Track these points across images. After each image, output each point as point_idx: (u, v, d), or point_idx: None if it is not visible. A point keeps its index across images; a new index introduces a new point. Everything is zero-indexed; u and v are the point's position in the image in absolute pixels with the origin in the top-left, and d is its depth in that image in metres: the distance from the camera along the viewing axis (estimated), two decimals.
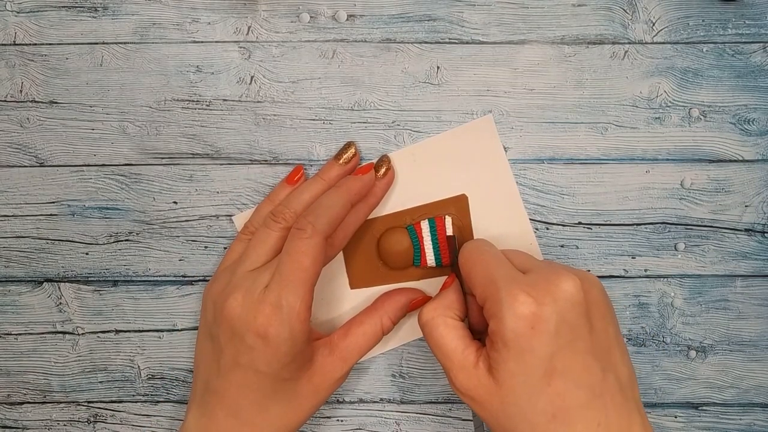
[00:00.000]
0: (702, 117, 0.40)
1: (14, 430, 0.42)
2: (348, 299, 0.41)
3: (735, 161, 0.40)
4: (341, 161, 0.39)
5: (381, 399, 0.42)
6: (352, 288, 0.41)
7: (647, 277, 0.41)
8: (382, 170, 0.39)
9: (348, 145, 0.40)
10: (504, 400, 0.32)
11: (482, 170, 0.40)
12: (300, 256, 0.34)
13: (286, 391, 0.35)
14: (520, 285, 0.32)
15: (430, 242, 0.40)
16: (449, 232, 0.40)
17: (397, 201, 0.40)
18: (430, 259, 0.40)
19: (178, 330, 0.42)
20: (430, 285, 0.41)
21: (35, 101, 0.40)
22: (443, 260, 0.40)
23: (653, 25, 0.40)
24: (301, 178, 0.40)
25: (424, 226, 0.40)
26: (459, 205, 0.40)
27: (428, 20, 0.40)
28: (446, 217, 0.40)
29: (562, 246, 0.41)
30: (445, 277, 0.40)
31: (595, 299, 0.33)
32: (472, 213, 0.40)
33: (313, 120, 0.40)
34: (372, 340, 0.38)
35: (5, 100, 0.40)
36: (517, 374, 0.31)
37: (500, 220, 0.40)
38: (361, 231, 0.40)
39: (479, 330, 0.36)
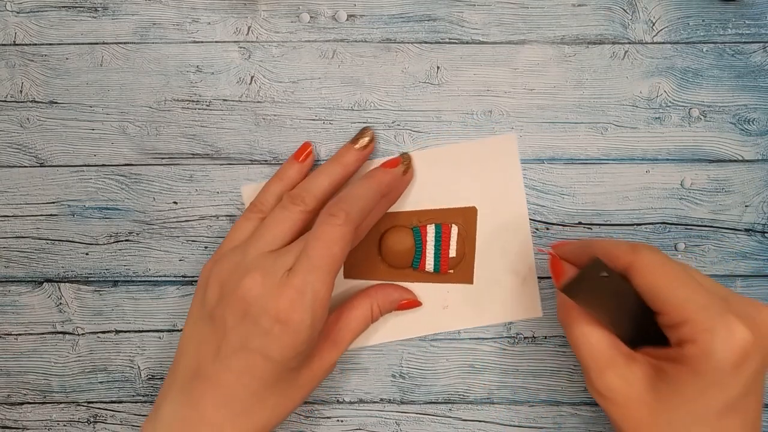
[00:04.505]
0: (702, 117, 0.40)
1: (14, 430, 0.42)
2: (338, 287, 0.41)
3: (735, 161, 0.40)
4: (357, 146, 0.39)
5: (381, 399, 0.42)
6: (345, 277, 0.41)
7: None
8: (403, 168, 0.39)
9: (364, 130, 0.39)
10: (657, 414, 0.31)
11: (497, 187, 0.40)
12: (331, 243, 0.33)
13: (287, 381, 0.34)
14: (734, 314, 0.29)
15: (433, 248, 0.40)
16: (454, 243, 0.40)
17: (407, 200, 0.40)
18: (430, 264, 0.40)
19: (178, 330, 0.42)
20: (422, 289, 0.41)
21: (35, 101, 0.40)
22: (441, 268, 0.40)
23: (653, 25, 0.40)
24: (310, 155, 0.39)
25: (430, 230, 0.40)
26: (467, 216, 0.40)
27: (428, 20, 0.40)
28: (453, 225, 0.40)
29: None
30: (446, 284, 0.40)
31: None
32: (478, 226, 0.40)
33: (313, 120, 0.40)
34: (362, 325, 0.37)
35: (5, 100, 0.40)
36: (691, 402, 0.30)
37: (504, 240, 0.40)
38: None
39: (624, 338, 0.34)
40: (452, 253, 0.40)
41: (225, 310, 0.34)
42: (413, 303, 0.40)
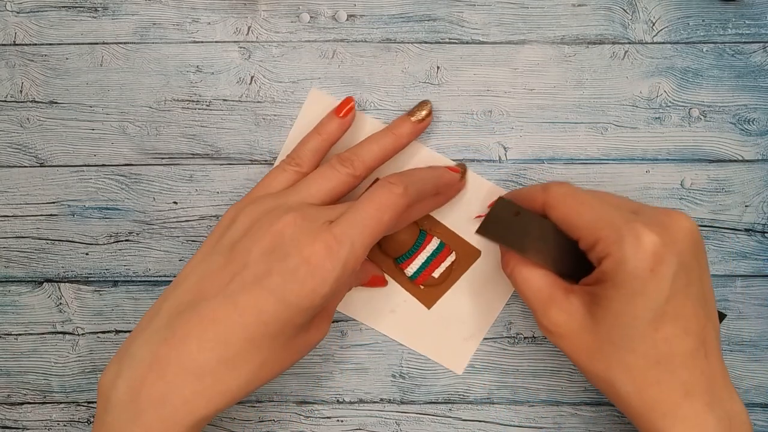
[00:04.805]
0: (702, 117, 0.40)
1: (14, 430, 0.42)
2: None
3: (735, 161, 0.40)
4: (414, 118, 0.38)
5: (381, 399, 0.42)
6: None
7: None
8: (460, 175, 0.39)
9: (423, 103, 0.38)
10: (600, 337, 0.31)
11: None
12: (384, 207, 0.32)
13: (285, 339, 0.32)
14: (640, 222, 0.30)
15: (424, 258, 0.40)
16: (443, 267, 0.40)
17: None
18: (412, 269, 0.40)
19: None
20: (391, 286, 0.41)
21: (35, 101, 0.40)
22: (418, 279, 0.40)
23: (653, 25, 0.40)
24: (351, 111, 0.38)
25: (434, 242, 0.40)
26: (469, 254, 0.40)
27: (428, 20, 0.40)
28: (453, 252, 0.40)
29: None
30: (409, 294, 0.40)
31: (701, 239, 0.32)
32: (470, 269, 0.40)
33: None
34: (344, 293, 0.37)
35: (5, 100, 0.40)
36: (622, 316, 0.30)
37: (481, 295, 0.40)
38: None
39: (563, 274, 0.35)
40: (436, 273, 0.40)
41: (253, 243, 0.31)
42: (380, 280, 0.40)
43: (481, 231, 0.35)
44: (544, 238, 0.34)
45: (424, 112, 0.38)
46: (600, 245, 0.31)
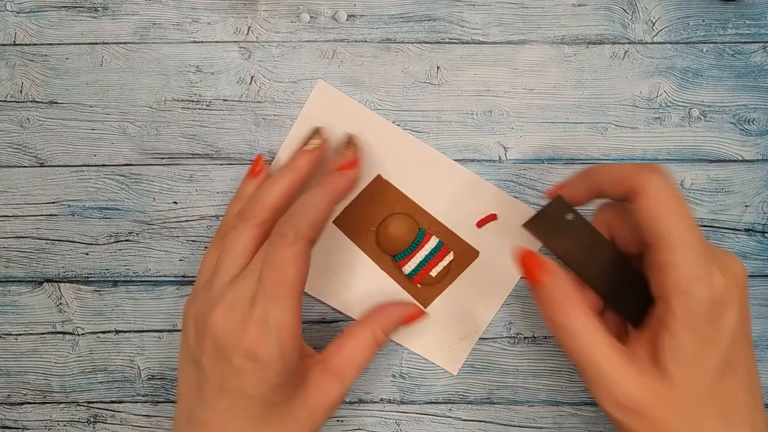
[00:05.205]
0: (702, 117, 0.40)
1: (14, 430, 0.42)
2: (324, 236, 0.40)
3: (735, 161, 0.40)
4: (308, 148, 0.37)
5: (381, 399, 0.42)
6: (333, 222, 0.40)
7: None
8: (349, 152, 0.37)
9: (315, 131, 0.38)
10: (677, 403, 0.28)
11: (508, 255, 0.40)
12: (283, 266, 0.31)
13: (278, 416, 0.33)
14: (715, 262, 0.28)
15: (423, 257, 0.40)
16: (441, 266, 0.40)
17: (433, 204, 0.40)
18: (409, 267, 0.40)
19: (178, 330, 0.42)
20: (383, 281, 0.40)
21: (35, 101, 0.40)
22: (415, 277, 0.40)
23: (653, 25, 0.40)
24: (264, 169, 0.38)
25: (432, 241, 0.40)
26: (467, 254, 0.40)
27: (428, 20, 0.40)
28: (451, 251, 0.40)
29: None
30: (406, 292, 0.40)
31: None
32: (468, 269, 0.40)
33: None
34: (367, 353, 0.35)
35: (5, 100, 0.40)
36: (695, 368, 0.28)
37: (477, 296, 0.40)
38: (388, 196, 0.39)
39: (599, 290, 0.32)
40: (434, 272, 0.40)
41: (201, 351, 0.33)
42: (417, 314, 0.38)
43: (528, 225, 0.32)
44: (593, 250, 0.32)
45: (317, 141, 0.38)
46: (677, 273, 0.28)
